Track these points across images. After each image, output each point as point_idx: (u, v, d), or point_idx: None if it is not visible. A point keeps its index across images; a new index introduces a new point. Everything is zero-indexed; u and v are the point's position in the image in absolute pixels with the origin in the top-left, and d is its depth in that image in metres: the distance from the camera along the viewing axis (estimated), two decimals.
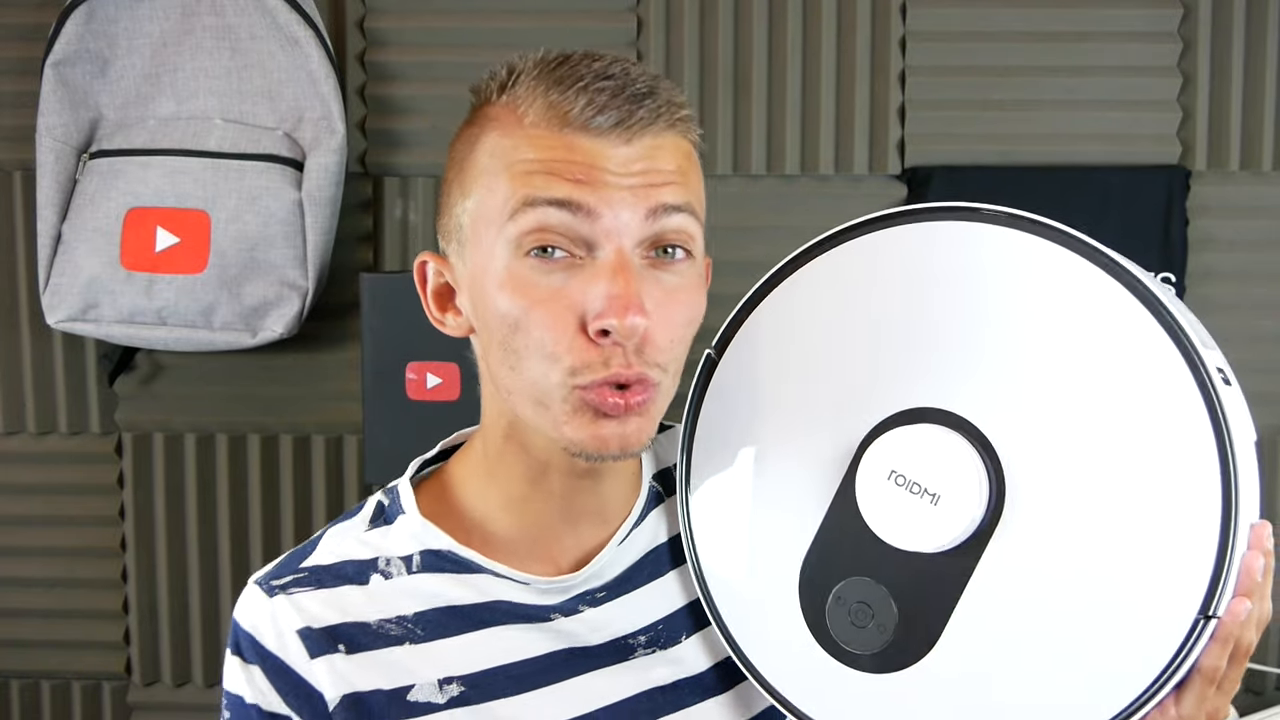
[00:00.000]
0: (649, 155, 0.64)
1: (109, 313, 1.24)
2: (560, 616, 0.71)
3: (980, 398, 0.65)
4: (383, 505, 0.74)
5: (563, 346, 0.63)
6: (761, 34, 1.29)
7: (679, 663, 0.74)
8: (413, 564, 0.71)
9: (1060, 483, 0.63)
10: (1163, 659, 0.60)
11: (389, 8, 1.30)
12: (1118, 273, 0.63)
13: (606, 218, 0.62)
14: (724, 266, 1.36)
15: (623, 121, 0.63)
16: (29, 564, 1.36)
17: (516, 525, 0.72)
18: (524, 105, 0.64)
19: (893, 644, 0.67)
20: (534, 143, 0.63)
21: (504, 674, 0.70)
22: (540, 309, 0.63)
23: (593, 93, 0.63)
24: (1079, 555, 0.62)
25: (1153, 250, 1.27)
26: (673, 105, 0.66)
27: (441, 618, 0.70)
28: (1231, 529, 0.58)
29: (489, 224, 0.65)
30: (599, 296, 0.62)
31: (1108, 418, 0.62)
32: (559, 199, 0.62)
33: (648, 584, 0.75)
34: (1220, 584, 0.58)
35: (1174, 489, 0.60)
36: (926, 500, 0.64)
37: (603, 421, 0.64)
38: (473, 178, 0.66)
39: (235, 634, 0.70)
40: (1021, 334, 0.64)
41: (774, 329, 0.72)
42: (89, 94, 1.26)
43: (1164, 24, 1.28)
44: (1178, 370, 0.60)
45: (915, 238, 0.69)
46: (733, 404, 0.74)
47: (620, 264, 0.62)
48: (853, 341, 0.69)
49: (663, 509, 0.78)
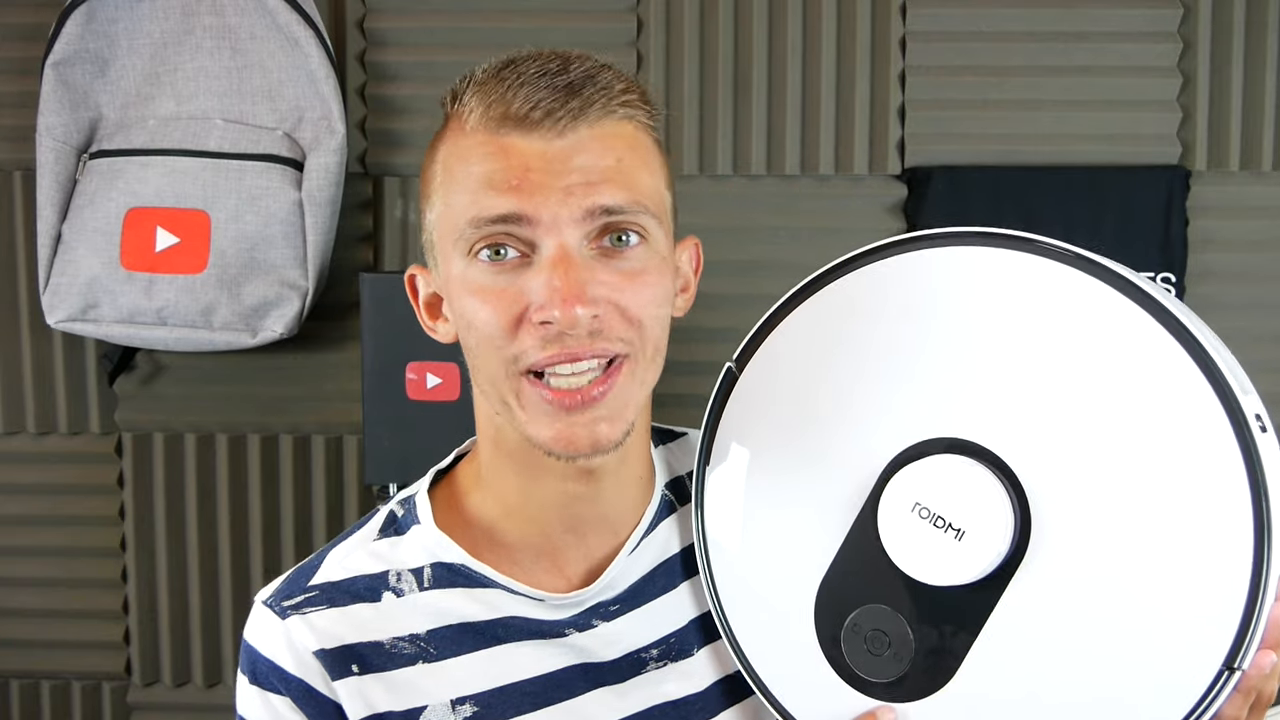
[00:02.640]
0: (584, 147, 0.63)
1: (109, 313, 1.24)
2: (574, 631, 0.71)
3: (1007, 431, 0.64)
4: (395, 515, 0.73)
5: (505, 335, 0.64)
6: (761, 34, 1.29)
7: (689, 676, 0.73)
8: (424, 578, 0.70)
9: (1087, 521, 0.61)
10: (1184, 709, 0.58)
11: (389, 8, 1.30)
12: (1155, 310, 0.61)
13: (545, 220, 0.63)
14: (724, 266, 1.36)
15: (552, 113, 0.63)
16: (29, 564, 1.36)
17: (519, 533, 0.71)
18: (467, 110, 0.66)
19: (908, 674, 0.66)
20: (474, 150, 0.65)
21: (518, 691, 0.69)
22: (488, 305, 0.64)
23: (527, 89, 0.63)
24: (1103, 596, 0.61)
25: (1153, 250, 1.27)
26: (609, 90, 0.65)
27: (455, 635, 0.69)
28: (1263, 583, 0.57)
29: (446, 236, 0.67)
30: (539, 289, 0.63)
31: (1138, 458, 0.60)
32: (499, 215, 0.63)
33: (660, 596, 0.74)
34: (1248, 638, 0.57)
35: (1205, 537, 0.58)
36: (951, 535, 0.63)
37: (565, 417, 0.64)
38: (433, 190, 0.68)
39: (252, 660, 0.68)
40: (1050, 366, 0.63)
41: (797, 347, 0.71)
42: (89, 94, 1.26)
43: (1164, 24, 1.28)
44: (1215, 416, 0.58)
45: (945, 262, 0.67)
46: (753, 420, 0.73)
47: (560, 257, 0.63)
48: (877, 365, 0.68)
49: (675, 518, 0.77)
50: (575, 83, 0.64)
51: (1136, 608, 0.60)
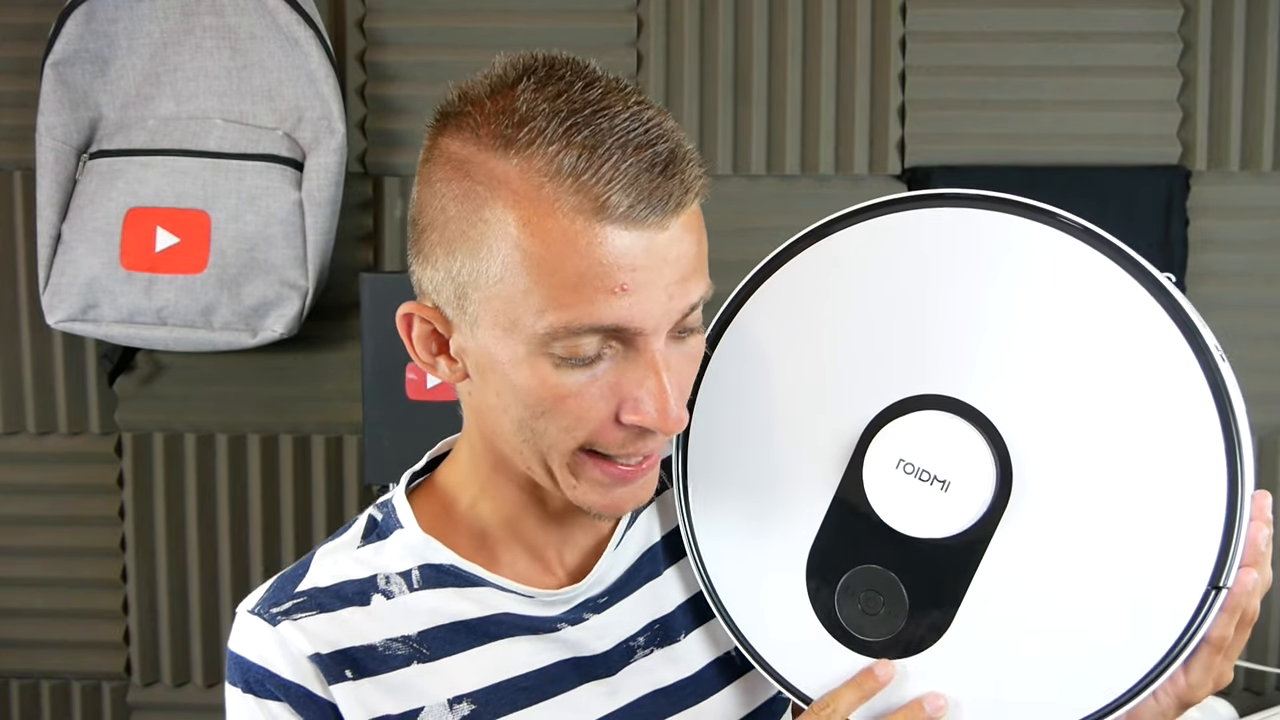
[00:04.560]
0: (681, 236, 0.60)
1: (109, 313, 1.24)
2: (567, 626, 0.71)
3: (981, 382, 0.65)
4: (375, 520, 0.73)
5: (590, 429, 0.62)
6: (761, 34, 1.29)
7: (678, 661, 0.74)
8: (413, 580, 0.70)
9: (1066, 463, 0.63)
10: (1175, 632, 0.60)
11: (389, 8, 1.30)
12: (1110, 251, 0.63)
13: (649, 328, 0.59)
14: (724, 266, 1.35)
15: (658, 207, 0.57)
16: (29, 564, 1.36)
17: (512, 538, 0.72)
18: (549, 185, 0.57)
19: (905, 630, 0.67)
20: (569, 245, 0.57)
21: (513, 686, 0.69)
22: (571, 401, 0.61)
23: (627, 174, 0.57)
24: (1087, 534, 0.63)
25: (1153, 250, 1.27)
26: (696, 163, 0.60)
27: (447, 634, 0.69)
28: (1239, 502, 0.59)
29: (510, 314, 0.59)
30: (644, 398, 0.61)
31: (1110, 396, 0.62)
32: (604, 326, 0.58)
33: (646, 584, 0.75)
34: (1230, 556, 0.59)
35: (1179, 464, 0.60)
36: (937, 487, 0.65)
37: (617, 489, 0.65)
38: (476, 244, 0.59)
39: (241, 669, 0.67)
40: (1020, 317, 0.65)
41: (768, 320, 0.72)
42: (89, 94, 1.26)
43: (1164, 24, 1.28)
44: (1179, 346, 0.60)
45: (914, 224, 0.69)
46: (728, 396, 0.74)
47: (664, 364, 0.60)
48: (849, 329, 0.69)
49: (654, 507, 0.78)
50: (673, 159, 0.58)
51: (1121, 540, 0.62)
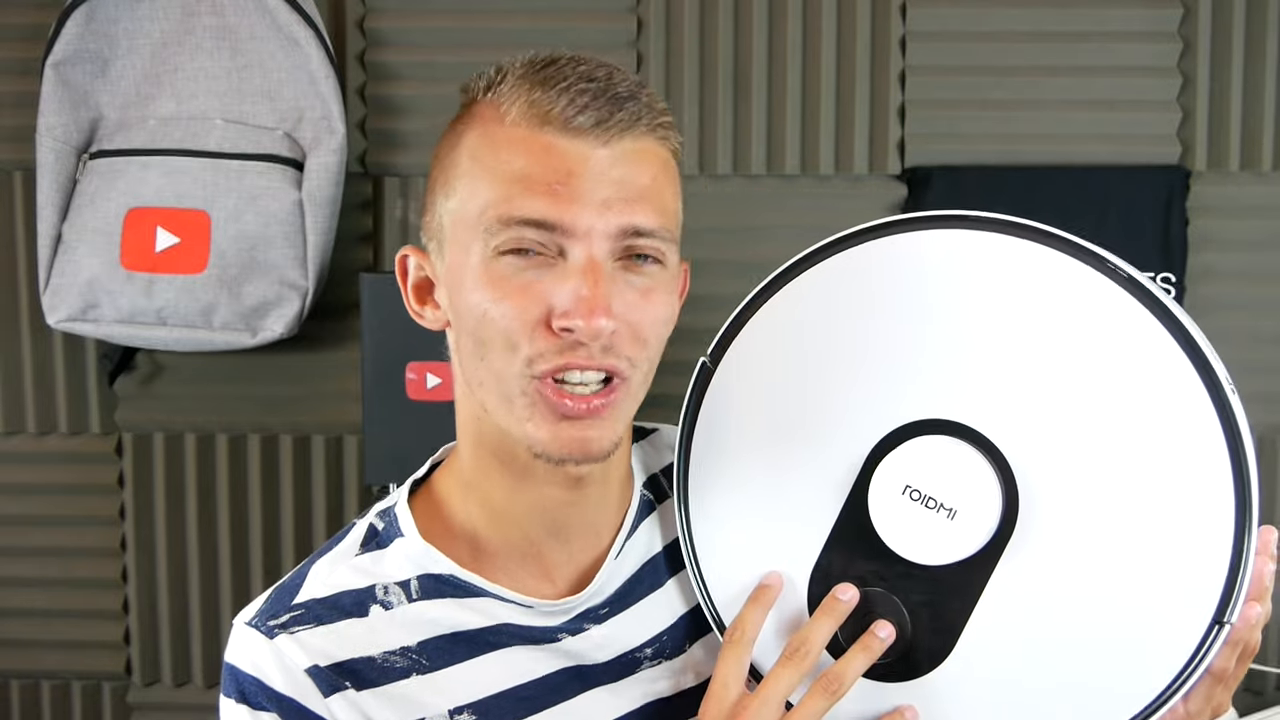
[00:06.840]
0: (626, 160, 0.64)
1: (109, 313, 1.24)
2: (567, 636, 0.71)
3: (988, 408, 0.64)
4: (375, 529, 0.72)
5: (524, 336, 0.64)
6: (761, 34, 1.29)
7: (683, 673, 0.74)
8: (411, 590, 0.70)
9: (1073, 492, 0.62)
10: (1177, 665, 0.60)
11: (389, 8, 1.30)
12: (1126, 281, 0.62)
13: (580, 229, 0.63)
14: (724, 266, 1.36)
15: (602, 122, 0.63)
16: (29, 564, 1.36)
17: (504, 540, 0.71)
18: (507, 103, 0.65)
19: (906, 654, 0.66)
20: (513, 145, 0.64)
21: (513, 696, 0.69)
22: (508, 300, 0.64)
23: (574, 93, 0.63)
24: (1092, 565, 0.62)
25: (1153, 250, 1.27)
26: (654, 110, 0.66)
27: (447, 645, 0.69)
28: (1246, 537, 0.58)
29: (467, 228, 0.66)
30: (566, 295, 0.63)
31: (1119, 425, 0.62)
32: (535, 219, 0.63)
33: (648, 595, 0.74)
34: (1235, 592, 0.59)
35: (1188, 497, 0.60)
36: (943, 515, 0.64)
37: (564, 423, 0.64)
38: (454, 178, 0.67)
39: (237, 680, 0.67)
40: (1028, 343, 0.64)
41: (773, 337, 0.72)
42: (89, 94, 1.26)
43: (1164, 24, 1.28)
44: (1190, 379, 0.60)
45: (921, 246, 0.68)
46: (731, 412, 0.73)
47: (590, 267, 0.63)
48: (856, 351, 0.69)
49: (655, 516, 0.77)
50: (622, 95, 0.64)
51: (1126, 571, 0.61)
